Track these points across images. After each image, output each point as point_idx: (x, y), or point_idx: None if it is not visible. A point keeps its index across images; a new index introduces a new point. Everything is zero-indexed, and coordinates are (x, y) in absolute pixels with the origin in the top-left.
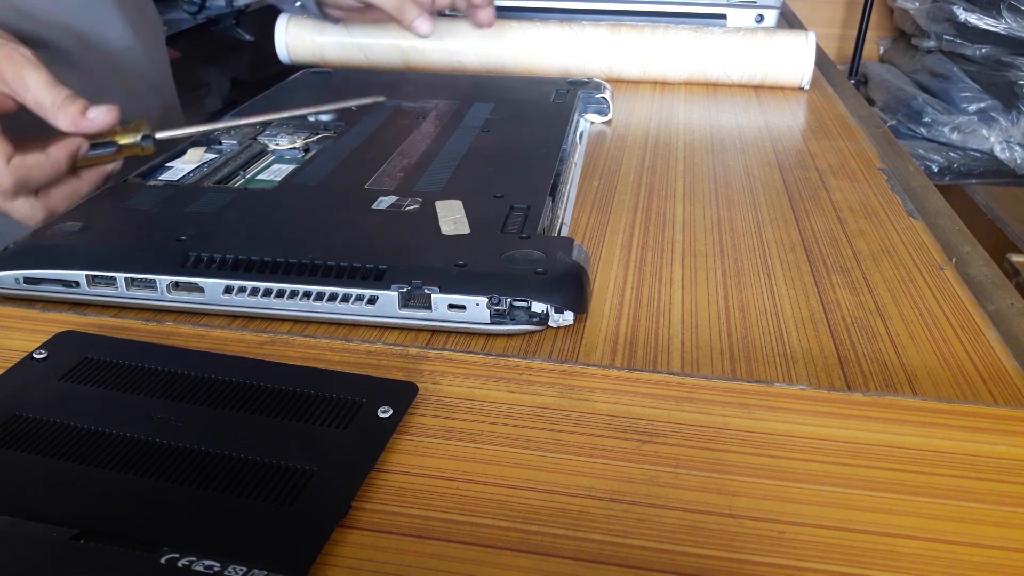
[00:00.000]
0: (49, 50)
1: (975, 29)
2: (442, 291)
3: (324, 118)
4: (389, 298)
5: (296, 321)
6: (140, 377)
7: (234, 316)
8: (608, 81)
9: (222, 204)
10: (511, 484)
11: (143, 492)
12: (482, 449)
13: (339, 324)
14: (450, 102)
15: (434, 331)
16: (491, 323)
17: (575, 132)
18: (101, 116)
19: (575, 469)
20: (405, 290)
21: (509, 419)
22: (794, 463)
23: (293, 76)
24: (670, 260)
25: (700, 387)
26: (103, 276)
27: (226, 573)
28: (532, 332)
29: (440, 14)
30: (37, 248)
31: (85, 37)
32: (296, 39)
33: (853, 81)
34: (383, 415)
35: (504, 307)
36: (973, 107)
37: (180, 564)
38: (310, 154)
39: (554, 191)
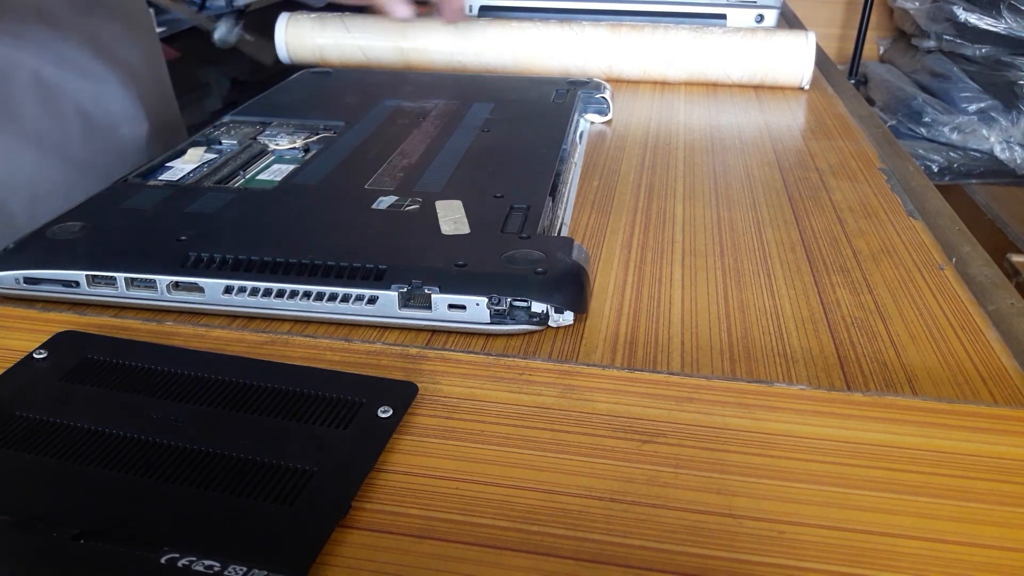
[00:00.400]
0: (51, 51)
1: (975, 29)
2: (442, 291)
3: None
4: (389, 298)
5: (296, 321)
6: (140, 377)
7: (234, 316)
8: (608, 81)
9: (222, 204)
10: (511, 484)
11: (143, 492)
12: (482, 449)
13: (339, 324)
14: (450, 102)
15: (434, 331)
16: (491, 323)
17: (575, 132)
18: None
19: (575, 469)
20: (405, 290)
21: (509, 419)
22: (794, 463)
23: (293, 76)
24: (670, 260)
25: (700, 387)
26: (103, 276)
27: (226, 573)
28: (532, 332)
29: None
30: (37, 248)
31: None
32: (296, 39)
33: (853, 81)
34: (383, 415)
35: (504, 307)
36: (973, 107)
37: (180, 564)
38: (310, 154)
39: (554, 191)
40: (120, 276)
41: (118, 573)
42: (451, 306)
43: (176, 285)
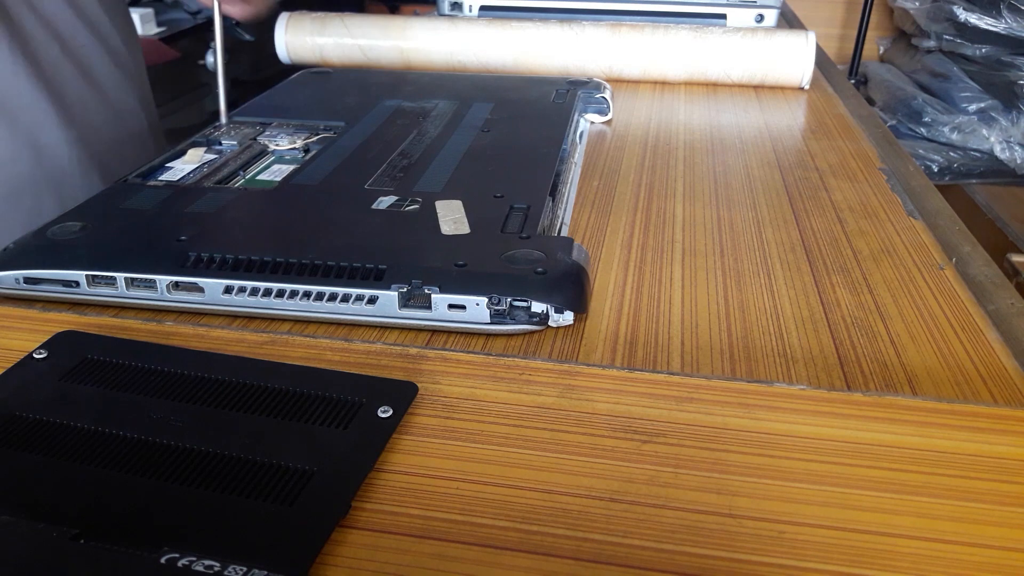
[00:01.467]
0: (32, 42)
1: (975, 29)
2: (442, 291)
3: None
4: (389, 298)
5: (296, 321)
6: (140, 377)
7: (234, 316)
8: (608, 81)
9: (222, 204)
10: (511, 484)
11: (143, 492)
12: (482, 449)
13: (339, 324)
14: (450, 102)
15: (434, 331)
16: (491, 323)
17: (575, 132)
18: None
19: (575, 469)
20: (405, 290)
21: (509, 419)
22: (794, 463)
23: (293, 76)
24: (670, 260)
25: (700, 387)
26: (103, 276)
27: (226, 573)
28: (532, 332)
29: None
30: (37, 248)
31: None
32: (296, 39)
33: (853, 81)
34: (383, 415)
35: (504, 307)
36: (973, 107)
37: (180, 564)
38: (310, 154)
39: (554, 191)
40: (120, 276)
41: (118, 573)
42: (451, 306)
43: (176, 285)
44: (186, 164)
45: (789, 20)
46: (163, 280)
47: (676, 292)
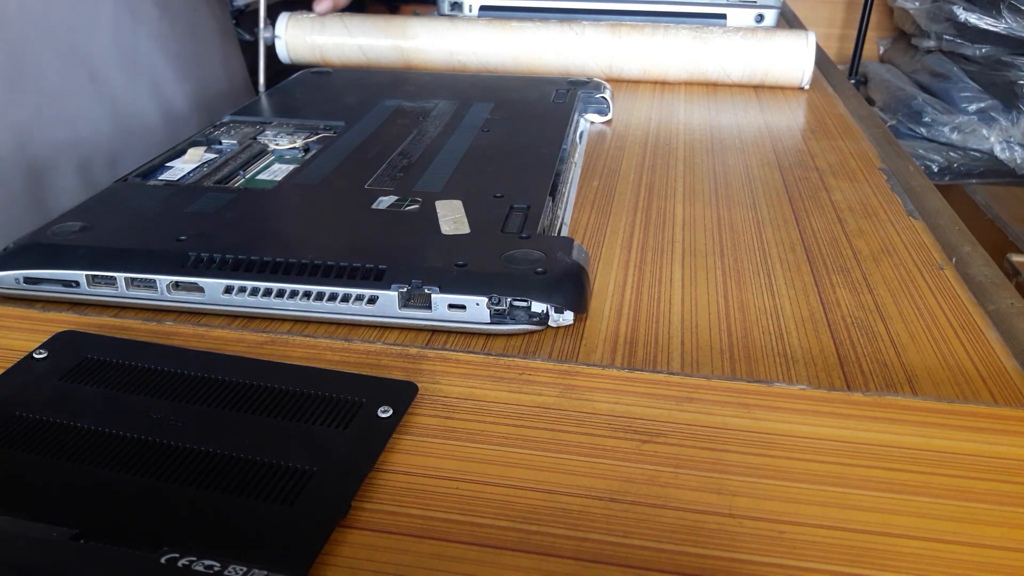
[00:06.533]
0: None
1: (975, 29)
2: (442, 291)
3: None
4: (389, 298)
5: (296, 321)
6: (140, 377)
7: (234, 316)
8: (608, 81)
9: (222, 204)
10: (511, 484)
11: (143, 492)
12: (482, 449)
13: (339, 324)
14: (450, 102)
15: (434, 331)
16: (491, 323)
17: (575, 132)
18: None
19: (575, 469)
20: (405, 290)
21: (509, 419)
22: (794, 463)
23: (293, 76)
24: (670, 260)
25: (700, 387)
26: (103, 276)
27: (226, 573)
28: (532, 332)
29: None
30: (37, 248)
31: None
32: (296, 39)
33: (853, 81)
34: (383, 415)
35: (504, 307)
36: (973, 107)
37: (180, 564)
38: (310, 154)
39: (554, 191)
40: (120, 276)
41: (118, 573)
42: (451, 306)
43: (176, 285)
44: (186, 163)
45: (789, 20)
46: (163, 280)
47: (676, 292)
